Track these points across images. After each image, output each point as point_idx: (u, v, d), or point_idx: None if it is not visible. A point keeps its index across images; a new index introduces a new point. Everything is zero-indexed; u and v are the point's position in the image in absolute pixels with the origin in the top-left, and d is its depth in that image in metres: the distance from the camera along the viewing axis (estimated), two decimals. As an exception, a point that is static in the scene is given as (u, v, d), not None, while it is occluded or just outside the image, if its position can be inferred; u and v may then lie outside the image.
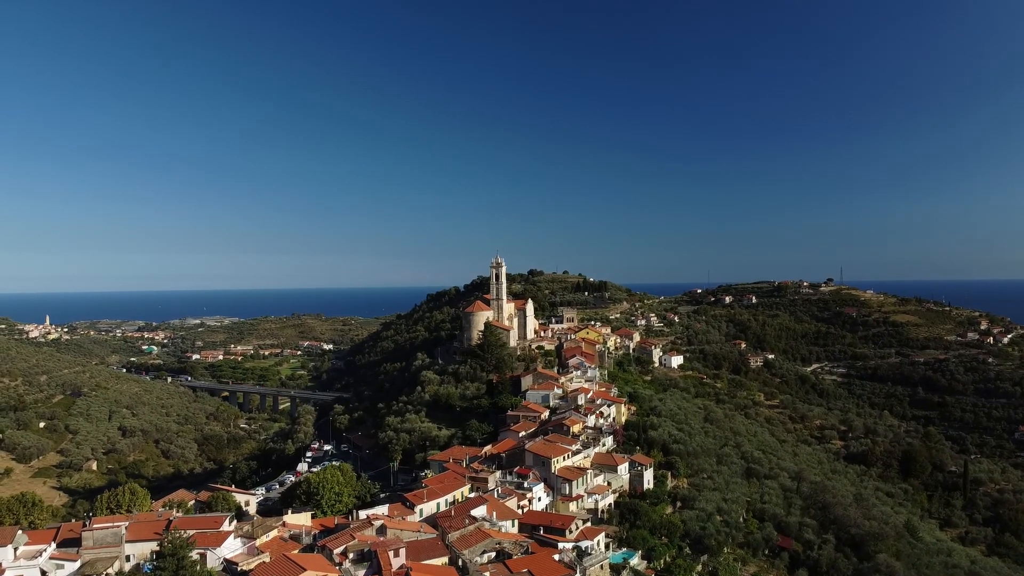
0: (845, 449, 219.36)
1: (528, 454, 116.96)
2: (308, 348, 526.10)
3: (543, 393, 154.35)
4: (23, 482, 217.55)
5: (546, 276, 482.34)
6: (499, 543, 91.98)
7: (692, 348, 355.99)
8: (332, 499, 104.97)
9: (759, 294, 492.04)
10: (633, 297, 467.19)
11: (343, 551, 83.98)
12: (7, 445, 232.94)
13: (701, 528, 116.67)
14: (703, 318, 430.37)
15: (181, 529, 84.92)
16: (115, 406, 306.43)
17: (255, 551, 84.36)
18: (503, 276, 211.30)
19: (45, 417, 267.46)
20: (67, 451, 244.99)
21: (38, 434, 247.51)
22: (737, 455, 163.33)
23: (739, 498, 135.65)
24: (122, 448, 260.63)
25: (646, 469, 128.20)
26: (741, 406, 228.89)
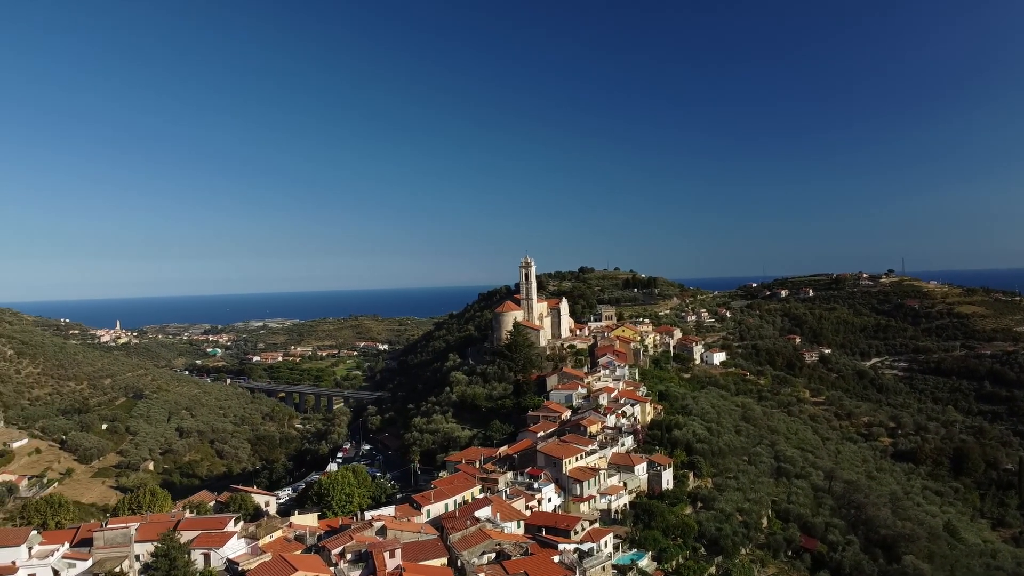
0: (893, 447, 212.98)
1: (540, 455, 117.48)
2: (364, 349, 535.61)
3: (566, 393, 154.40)
4: (83, 482, 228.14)
5: (596, 273, 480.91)
6: (499, 544, 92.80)
7: (744, 344, 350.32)
8: (342, 500, 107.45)
9: (816, 287, 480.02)
10: (685, 293, 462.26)
11: (341, 552, 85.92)
12: (70, 446, 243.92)
13: (717, 529, 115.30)
14: (757, 313, 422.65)
15: (188, 530, 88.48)
16: (174, 408, 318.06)
17: (258, 551, 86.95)
18: (533, 276, 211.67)
19: (107, 419, 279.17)
20: (126, 452, 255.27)
21: (99, 435, 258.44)
22: (769, 454, 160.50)
23: (763, 498, 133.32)
24: (178, 448, 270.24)
25: (665, 469, 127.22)
26: (784, 403, 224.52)
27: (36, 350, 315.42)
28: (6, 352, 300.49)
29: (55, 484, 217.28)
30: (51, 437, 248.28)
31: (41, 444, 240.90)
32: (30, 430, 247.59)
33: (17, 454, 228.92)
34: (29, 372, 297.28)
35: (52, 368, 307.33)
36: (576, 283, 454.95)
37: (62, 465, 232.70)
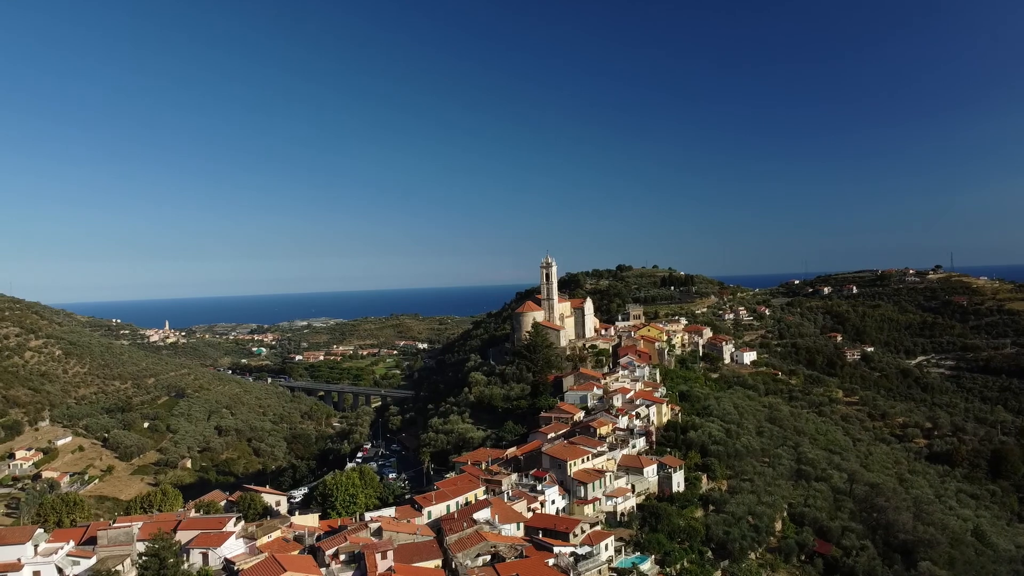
0: (928, 448, 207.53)
1: (545, 456, 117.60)
2: (404, 348, 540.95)
3: (581, 394, 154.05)
4: (123, 479, 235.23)
5: (635, 271, 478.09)
6: (494, 546, 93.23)
7: (783, 342, 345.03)
8: (346, 501, 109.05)
9: (861, 283, 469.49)
10: (725, 291, 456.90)
11: (334, 552, 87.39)
12: (111, 444, 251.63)
13: (725, 532, 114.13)
14: (797, 310, 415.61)
15: (188, 529, 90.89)
16: (215, 406, 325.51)
17: (255, 551, 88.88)
18: (553, 276, 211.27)
19: (149, 417, 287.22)
20: (165, 450, 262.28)
21: (140, 434, 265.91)
22: (790, 456, 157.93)
23: (777, 501, 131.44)
24: (215, 446, 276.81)
25: (675, 471, 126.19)
26: (815, 404, 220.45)
27: (83, 350, 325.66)
28: (54, 352, 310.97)
29: (95, 481, 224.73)
30: (94, 435, 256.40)
31: (84, 442, 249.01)
32: (74, 428, 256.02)
33: (61, 451, 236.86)
34: (76, 372, 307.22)
35: (98, 368, 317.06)
36: (613, 281, 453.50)
37: (103, 463, 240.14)
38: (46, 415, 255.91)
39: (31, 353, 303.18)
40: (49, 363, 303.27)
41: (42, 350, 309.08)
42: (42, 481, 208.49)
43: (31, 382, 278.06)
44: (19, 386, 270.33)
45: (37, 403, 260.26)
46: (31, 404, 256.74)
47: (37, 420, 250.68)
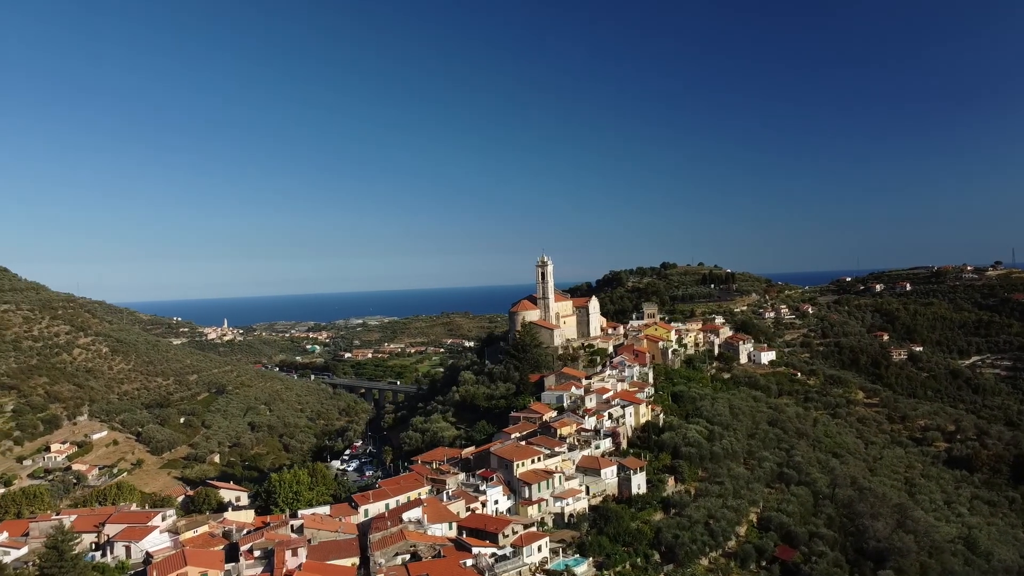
0: (948, 452, 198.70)
1: (493, 456, 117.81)
2: (451, 346, 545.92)
3: (559, 394, 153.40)
4: (151, 472, 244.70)
5: (679, 269, 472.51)
6: (414, 545, 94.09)
7: (826, 341, 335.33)
8: (289, 498, 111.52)
9: (915, 280, 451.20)
10: (772, 288, 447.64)
11: (249, 548, 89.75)
12: (144, 438, 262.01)
13: (674, 536, 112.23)
14: (845, 308, 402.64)
15: (116, 523, 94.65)
16: (253, 403, 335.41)
17: (179, 545, 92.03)
18: (548, 275, 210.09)
19: (186, 413, 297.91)
20: (196, 444, 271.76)
21: (174, 429, 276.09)
22: (778, 459, 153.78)
23: (743, 506, 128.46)
24: (245, 442, 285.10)
25: (635, 473, 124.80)
26: (831, 405, 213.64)
27: (129, 347, 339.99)
28: (101, 350, 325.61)
29: (124, 474, 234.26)
30: (129, 430, 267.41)
31: (119, 436, 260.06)
32: (110, 423, 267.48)
33: (96, 445, 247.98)
34: (120, 368, 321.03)
35: (142, 364, 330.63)
36: (656, 279, 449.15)
37: (135, 456, 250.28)
38: (84, 410, 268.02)
39: (79, 350, 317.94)
40: (96, 360, 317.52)
41: (90, 347, 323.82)
42: (71, 473, 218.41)
43: (76, 378, 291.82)
44: (64, 382, 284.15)
45: (78, 398, 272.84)
46: (72, 399, 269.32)
47: (76, 415, 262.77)
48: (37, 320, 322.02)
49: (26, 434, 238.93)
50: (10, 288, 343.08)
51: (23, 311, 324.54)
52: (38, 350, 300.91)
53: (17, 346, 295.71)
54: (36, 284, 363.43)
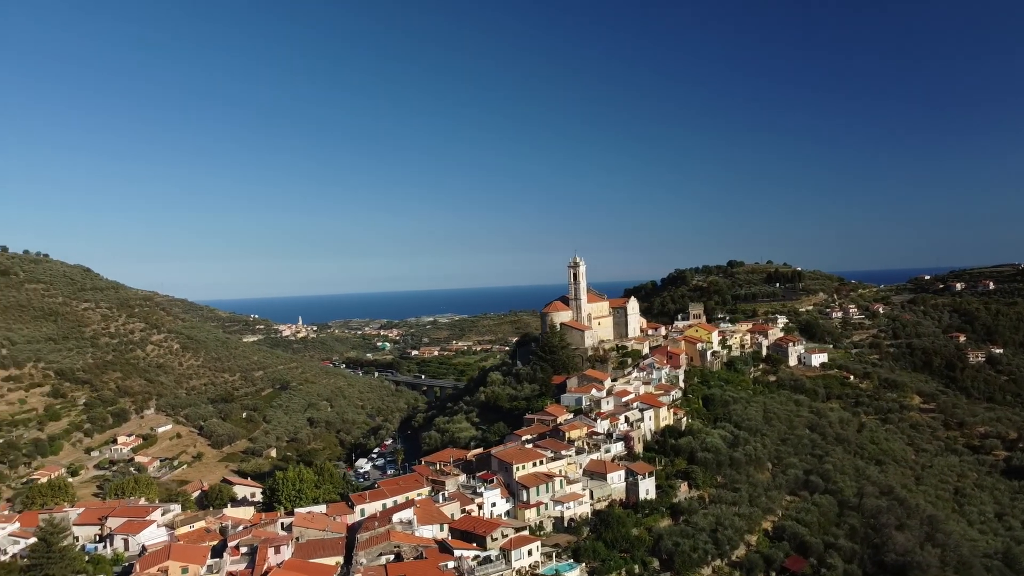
0: (1006, 462, 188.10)
1: (493, 459, 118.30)
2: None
3: (577, 396, 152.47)
4: (210, 465, 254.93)
5: (746, 267, 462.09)
6: (397, 546, 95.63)
7: (898, 342, 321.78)
8: (292, 495, 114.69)
9: (999, 279, 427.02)
10: (844, 287, 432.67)
11: (236, 544, 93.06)
12: (206, 432, 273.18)
13: (675, 544, 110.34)
14: (920, 308, 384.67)
15: (117, 517, 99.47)
16: (315, 399, 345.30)
17: (174, 539, 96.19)
18: (580, 276, 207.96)
19: (249, 408, 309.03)
20: (255, 439, 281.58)
21: (235, 424, 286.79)
22: (807, 466, 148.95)
23: (756, 513, 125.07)
24: (303, 437, 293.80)
25: (643, 478, 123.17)
26: (882, 410, 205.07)
27: (199, 344, 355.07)
28: (173, 346, 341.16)
29: (183, 467, 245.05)
30: (192, 424, 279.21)
31: (183, 430, 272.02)
32: (175, 417, 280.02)
33: (160, 438, 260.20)
34: (190, 364, 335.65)
35: (210, 360, 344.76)
36: (722, 278, 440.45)
37: (196, 449, 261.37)
38: (152, 404, 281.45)
39: (152, 347, 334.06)
40: (167, 356, 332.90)
41: (162, 344, 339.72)
42: (133, 465, 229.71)
43: (148, 373, 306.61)
44: (136, 377, 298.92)
45: (147, 393, 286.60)
46: (141, 394, 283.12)
47: (143, 409, 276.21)
48: (114, 318, 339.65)
49: (96, 426, 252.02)
50: (92, 287, 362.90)
51: (102, 309, 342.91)
52: (114, 346, 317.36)
53: (95, 342, 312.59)
54: (115, 283, 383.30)
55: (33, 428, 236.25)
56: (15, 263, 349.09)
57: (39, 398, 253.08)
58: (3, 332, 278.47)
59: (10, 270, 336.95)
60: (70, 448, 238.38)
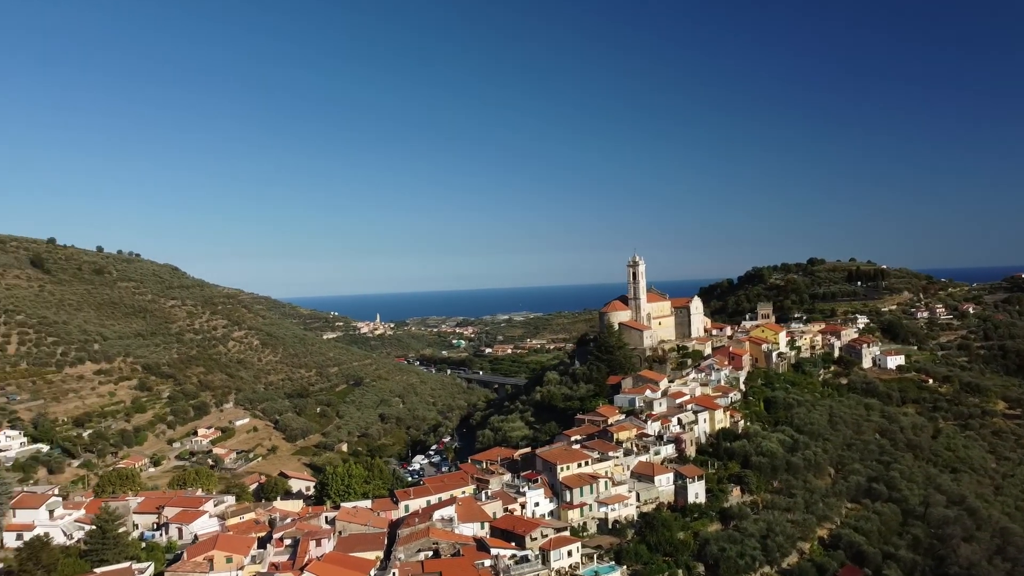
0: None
1: (537, 459, 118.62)
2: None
3: (630, 397, 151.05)
4: (283, 458, 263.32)
5: (826, 265, 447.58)
6: (436, 543, 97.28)
7: (989, 344, 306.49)
8: (340, 490, 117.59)
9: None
10: (933, 285, 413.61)
11: (281, 537, 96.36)
12: (281, 426, 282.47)
13: (720, 549, 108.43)
14: (1016, 307, 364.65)
15: (173, 507, 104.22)
16: (387, 395, 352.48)
17: (224, 529, 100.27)
18: (640, 275, 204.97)
19: (322, 403, 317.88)
20: (328, 433, 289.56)
21: (309, 418, 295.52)
22: (868, 472, 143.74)
23: (811, 520, 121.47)
24: (373, 433, 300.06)
25: (692, 481, 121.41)
26: (963, 415, 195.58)
27: (277, 341, 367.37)
28: (253, 342, 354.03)
29: (258, 459, 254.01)
30: (268, 418, 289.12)
31: (259, 423, 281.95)
32: (253, 411, 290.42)
33: (238, 431, 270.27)
34: (269, 360, 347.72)
35: (288, 357, 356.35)
36: (801, 276, 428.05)
37: (271, 443, 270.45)
38: (231, 398, 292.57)
39: (233, 343, 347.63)
40: (247, 352, 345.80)
41: (243, 340, 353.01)
42: (210, 456, 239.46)
43: (228, 368, 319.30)
44: (218, 372, 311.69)
45: (227, 387, 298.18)
46: (221, 388, 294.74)
47: (223, 402, 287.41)
48: (199, 315, 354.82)
49: (178, 419, 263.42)
50: (179, 285, 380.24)
51: (187, 306, 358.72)
52: (198, 342, 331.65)
53: (180, 338, 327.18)
54: (200, 281, 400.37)
55: (121, 419, 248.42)
56: (109, 262, 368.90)
57: (127, 391, 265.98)
58: (96, 328, 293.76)
59: (104, 269, 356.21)
60: (154, 439, 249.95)
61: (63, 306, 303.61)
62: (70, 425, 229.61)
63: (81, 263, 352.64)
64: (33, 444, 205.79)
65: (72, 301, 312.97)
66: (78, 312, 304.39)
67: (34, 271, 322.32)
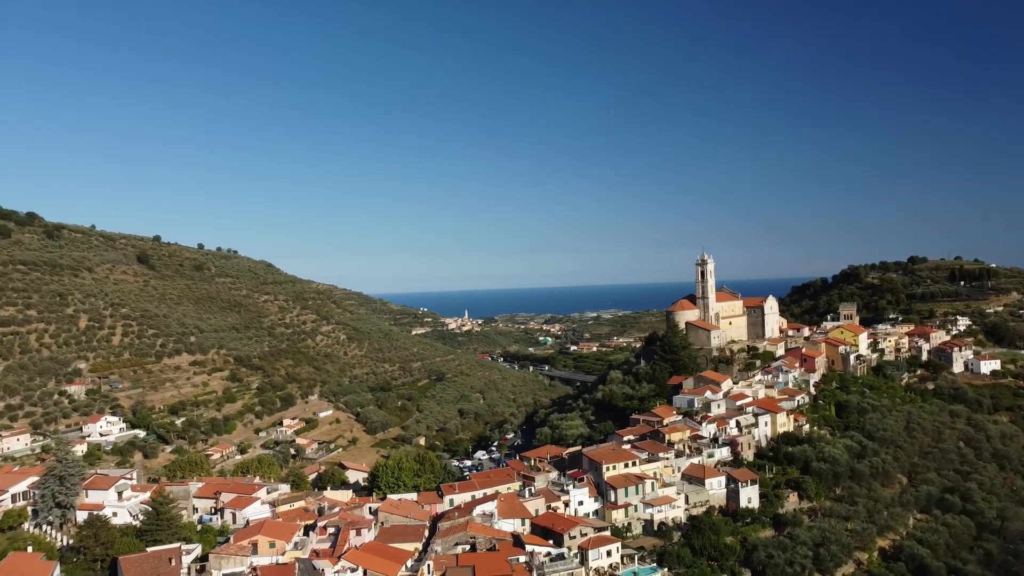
0: None
1: (584, 458, 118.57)
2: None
3: (689, 398, 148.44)
4: (363, 450, 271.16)
5: (929, 263, 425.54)
6: (473, 537, 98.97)
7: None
8: (390, 482, 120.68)
9: None
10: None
11: (324, 525, 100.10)
12: (362, 418, 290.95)
13: (768, 556, 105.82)
14: None
15: (227, 493, 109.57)
16: (469, 391, 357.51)
17: (275, 516, 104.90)
18: (708, 273, 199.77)
19: (404, 397, 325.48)
20: (407, 427, 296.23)
21: (389, 412, 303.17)
22: (942, 483, 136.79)
23: (870, 530, 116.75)
24: (451, 427, 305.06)
25: (745, 486, 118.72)
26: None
27: (363, 336, 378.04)
28: (340, 337, 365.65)
29: (339, 450, 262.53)
30: (351, 410, 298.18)
31: (342, 416, 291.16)
32: (336, 403, 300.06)
33: (321, 423, 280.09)
34: (354, 354, 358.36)
35: (373, 351, 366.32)
36: (901, 275, 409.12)
37: (351, 434, 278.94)
38: (316, 391, 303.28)
39: (321, 337, 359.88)
40: (334, 346, 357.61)
41: (331, 334, 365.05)
42: (293, 446, 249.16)
43: (316, 361, 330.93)
44: (305, 364, 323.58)
45: (312, 380, 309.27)
46: (307, 380, 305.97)
47: (308, 394, 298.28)
48: (289, 309, 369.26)
49: (265, 409, 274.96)
50: (272, 281, 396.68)
51: (279, 301, 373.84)
52: (288, 336, 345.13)
53: (271, 332, 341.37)
54: (293, 277, 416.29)
55: (212, 408, 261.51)
56: (208, 259, 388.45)
57: (219, 381, 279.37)
58: (194, 321, 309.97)
59: (204, 265, 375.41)
60: (242, 428, 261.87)
61: (164, 300, 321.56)
62: (165, 413, 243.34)
63: (183, 259, 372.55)
64: (131, 430, 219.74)
65: (173, 295, 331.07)
66: (178, 306, 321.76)
67: (140, 267, 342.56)
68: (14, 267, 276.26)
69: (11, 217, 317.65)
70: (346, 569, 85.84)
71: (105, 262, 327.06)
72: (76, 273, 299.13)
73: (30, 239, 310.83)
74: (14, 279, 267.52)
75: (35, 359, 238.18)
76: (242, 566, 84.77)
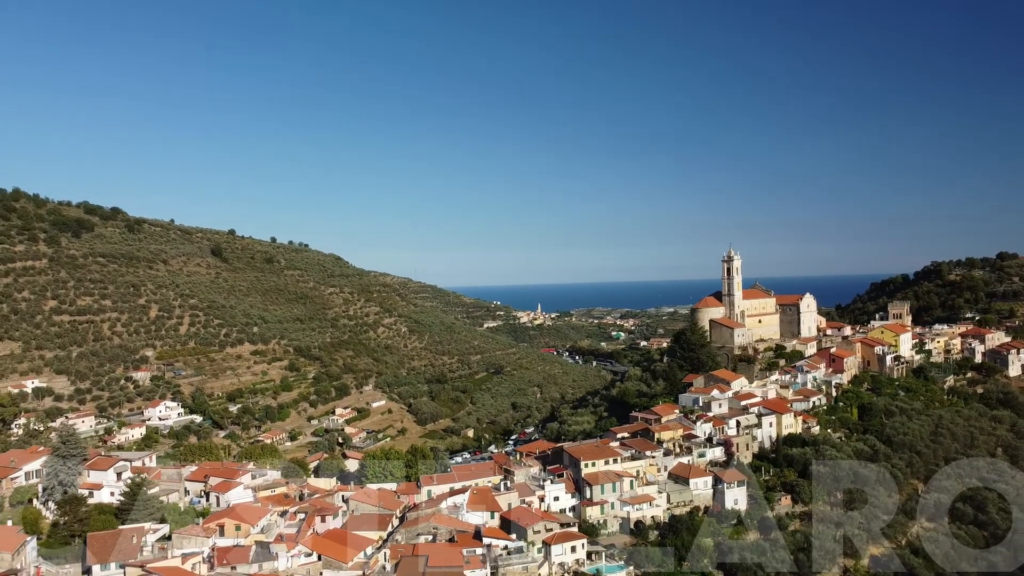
0: None
1: (564, 454, 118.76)
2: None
3: (695, 396, 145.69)
4: (411, 439, 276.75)
5: (1019, 260, 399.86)
6: (435, 528, 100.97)
7: None
8: (377, 472, 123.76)
9: None
10: None
11: (295, 511, 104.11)
12: (414, 409, 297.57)
13: (740, 557, 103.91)
14: None
15: (213, 476, 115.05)
16: (527, 384, 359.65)
17: (256, 501, 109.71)
18: (735, 271, 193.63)
19: (458, 390, 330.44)
20: (458, 418, 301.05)
21: (442, 403, 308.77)
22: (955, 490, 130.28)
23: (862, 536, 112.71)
24: (501, 421, 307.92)
25: (730, 487, 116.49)
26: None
27: (424, 328, 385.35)
28: (401, 329, 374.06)
29: (387, 440, 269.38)
30: (403, 401, 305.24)
31: (394, 406, 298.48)
32: (390, 394, 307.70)
33: (373, 412, 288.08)
34: (414, 346, 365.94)
35: (432, 344, 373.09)
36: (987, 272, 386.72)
37: (401, 424, 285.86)
38: (371, 381, 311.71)
39: (383, 329, 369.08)
40: (395, 338, 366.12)
41: (392, 326, 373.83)
42: (342, 435, 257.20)
43: (375, 353, 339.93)
44: (365, 356, 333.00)
45: (369, 370, 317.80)
46: (364, 371, 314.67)
47: (363, 385, 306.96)
48: (353, 302, 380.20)
49: (320, 398, 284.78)
50: (339, 274, 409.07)
51: (344, 294, 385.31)
52: (351, 328, 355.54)
53: (335, 323, 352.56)
54: (360, 270, 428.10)
55: (268, 396, 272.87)
56: (279, 252, 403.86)
57: (278, 371, 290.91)
58: (259, 312, 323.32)
59: (274, 258, 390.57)
60: (295, 416, 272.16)
61: (234, 291, 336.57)
62: (223, 399, 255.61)
63: (254, 252, 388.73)
64: (189, 415, 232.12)
65: (242, 287, 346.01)
66: (246, 297, 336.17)
67: (213, 259, 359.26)
68: (93, 259, 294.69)
69: (96, 212, 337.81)
70: (300, 553, 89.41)
71: (180, 255, 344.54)
72: (151, 265, 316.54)
73: (112, 233, 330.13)
74: (92, 270, 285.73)
75: (106, 346, 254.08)
76: (203, 546, 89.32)
